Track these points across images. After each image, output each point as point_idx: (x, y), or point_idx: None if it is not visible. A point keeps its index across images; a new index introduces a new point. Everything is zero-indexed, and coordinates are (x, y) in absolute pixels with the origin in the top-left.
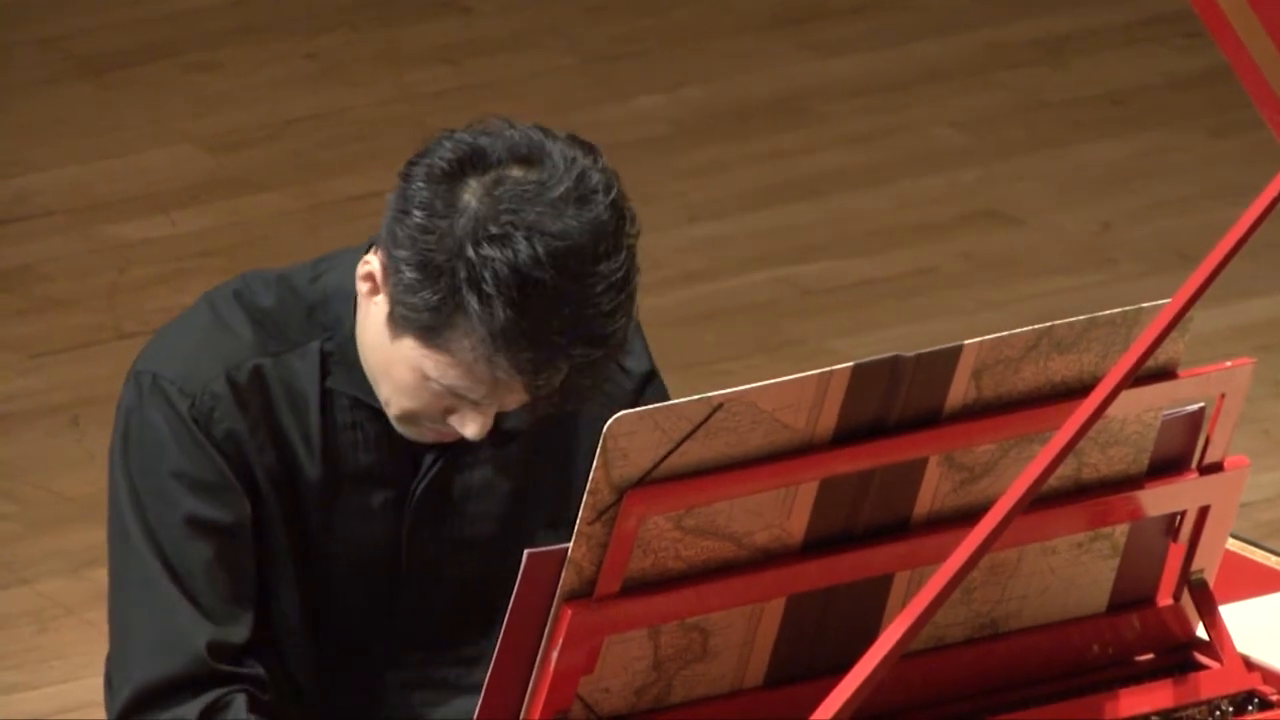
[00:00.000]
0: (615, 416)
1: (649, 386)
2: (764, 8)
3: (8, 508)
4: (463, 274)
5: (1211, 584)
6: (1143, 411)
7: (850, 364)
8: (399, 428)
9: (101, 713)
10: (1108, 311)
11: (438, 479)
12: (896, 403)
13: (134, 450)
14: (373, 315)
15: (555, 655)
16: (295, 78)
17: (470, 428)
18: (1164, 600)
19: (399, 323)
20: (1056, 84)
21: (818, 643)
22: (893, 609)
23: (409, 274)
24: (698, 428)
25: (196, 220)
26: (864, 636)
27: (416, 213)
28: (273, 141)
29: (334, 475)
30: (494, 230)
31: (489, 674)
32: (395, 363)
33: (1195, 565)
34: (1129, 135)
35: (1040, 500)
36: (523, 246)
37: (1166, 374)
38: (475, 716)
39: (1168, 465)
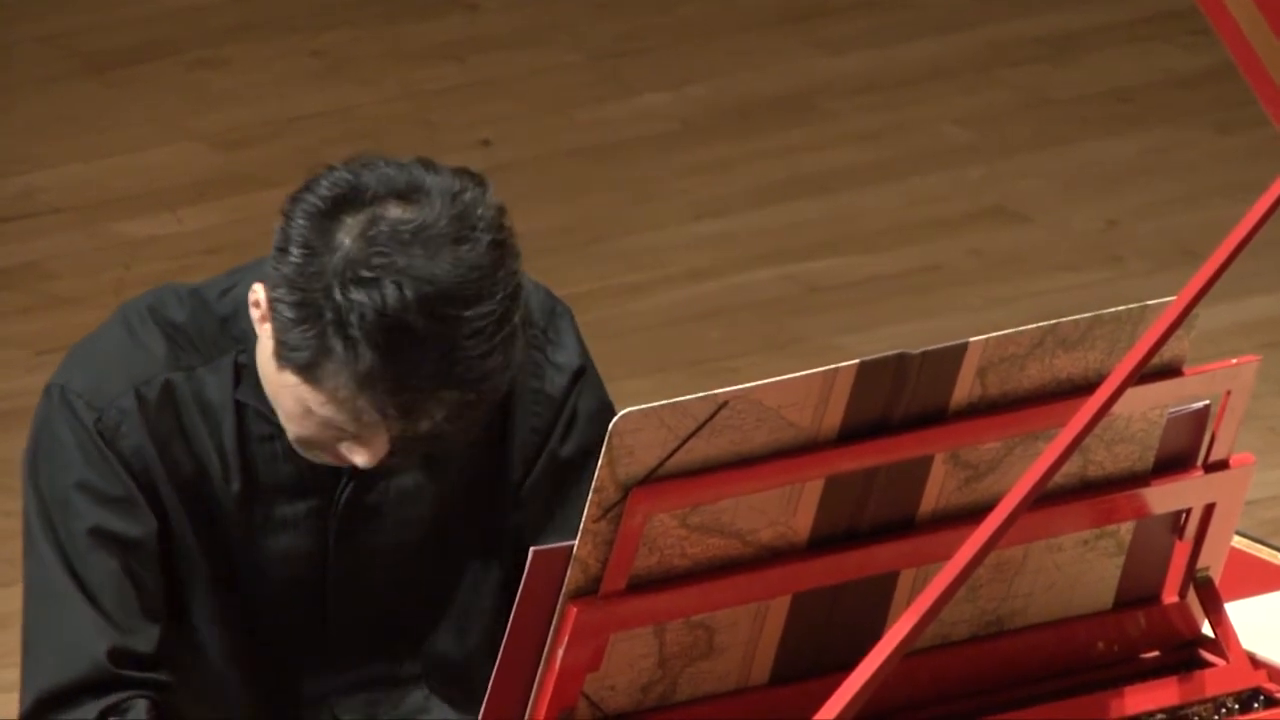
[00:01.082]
0: (621, 414)
1: (580, 381)
2: (770, 5)
3: (11, 505)
4: (329, 316)
5: (1217, 581)
6: (1148, 409)
7: (856, 361)
8: (299, 451)
9: None
10: (1113, 309)
11: (362, 485)
12: (902, 400)
13: (42, 462)
14: (263, 344)
15: (560, 653)
16: (300, 74)
17: (359, 457)
18: (1169, 598)
19: (280, 357)
20: (1062, 81)
21: (823, 640)
22: (898, 606)
23: (286, 312)
24: (703, 425)
25: (203, 217)
26: (869, 634)
27: (294, 250)
28: (278, 138)
29: (253, 487)
30: (364, 274)
31: (494, 672)
32: (281, 392)
33: (1200, 563)
34: (1135, 132)
35: (1045, 498)
36: (390, 291)
37: (1172, 371)
38: (481, 713)
39: (1173, 463)
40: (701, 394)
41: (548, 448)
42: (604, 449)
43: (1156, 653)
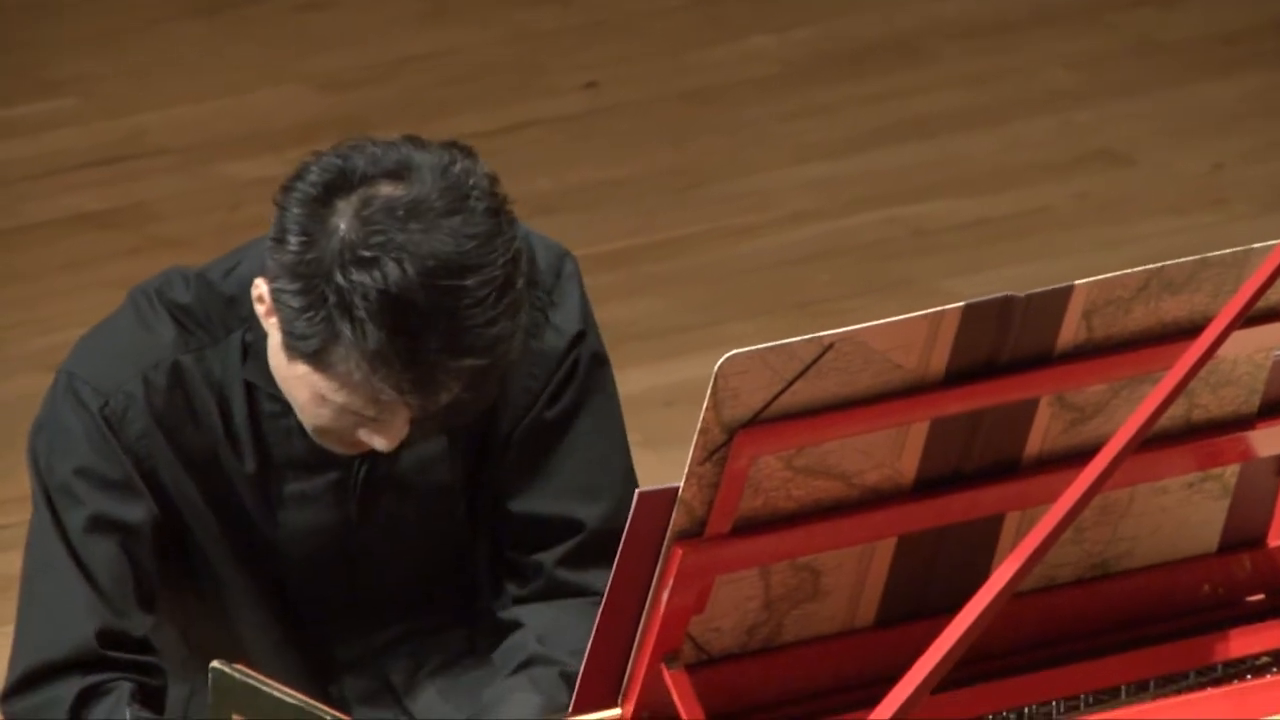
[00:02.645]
0: (726, 356)
1: (579, 345)
2: None
3: None
4: (333, 299)
5: None
6: (1254, 352)
7: (961, 304)
8: (317, 440)
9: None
10: (1219, 252)
11: (380, 456)
12: (1008, 343)
13: (46, 445)
14: (272, 337)
15: (666, 595)
16: (407, 17)
17: (379, 441)
18: (1275, 540)
19: (289, 349)
20: (1168, 24)
21: (928, 582)
22: (1003, 549)
23: (290, 301)
24: (809, 367)
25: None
26: (975, 577)
27: (291, 239)
28: (384, 81)
29: (269, 465)
30: (363, 254)
31: (599, 614)
32: (294, 384)
33: None
34: (1241, 75)
35: (1151, 441)
36: (391, 268)
37: (1278, 314)
38: (585, 656)
39: (1279, 406)
40: (807, 336)
41: (535, 407)
42: (709, 391)
43: (1262, 596)
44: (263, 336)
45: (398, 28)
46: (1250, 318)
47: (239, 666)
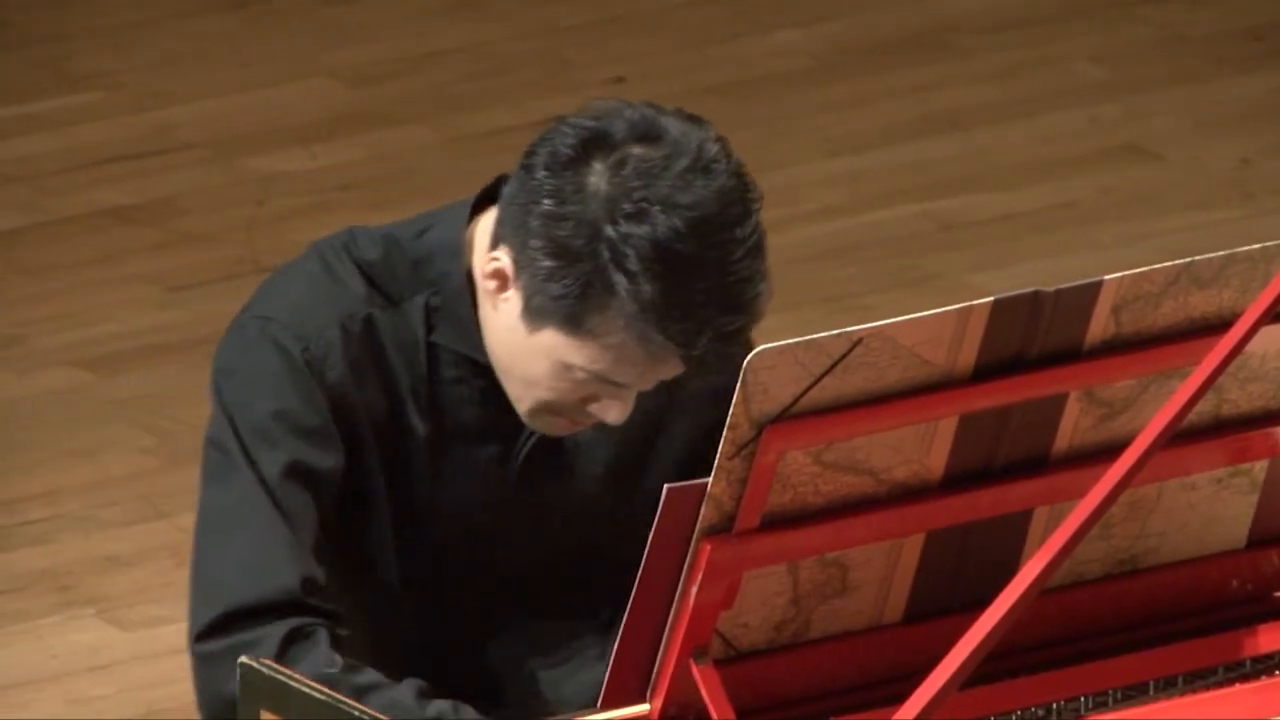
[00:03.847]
0: (755, 351)
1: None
2: None
3: (147, 441)
4: (605, 255)
5: None
6: None
7: (990, 299)
8: (530, 422)
9: None
10: (1247, 247)
11: (544, 443)
12: (1036, 338)
13: (239, 388)
14: (503, 312)
15: (694, 590)
16: (435, 10)
17: (613, 413)
18: None
19: (537, 314)
20: (1196, 19)
21: (957, 578)
22: (1032, 544)
23: (545, 263)
24: (837, 363)
25: (336, 153)
26: (1003, 572)
27: (546, 201)
28: (413, 74)
29: (440, 430)
30: (628, 208)
31: (628, 609)
32: (532, 356)
33: None
34: (1268, 70)
35: (1179, 436)
36: (660, 220)
37: None
38: (614, 651)
39: None
40: (836, 331)
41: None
42: (738, 386)
43: None
44: (451, 300)
45: (425, 22)
46: (1279, 313)
47: (267, 662)
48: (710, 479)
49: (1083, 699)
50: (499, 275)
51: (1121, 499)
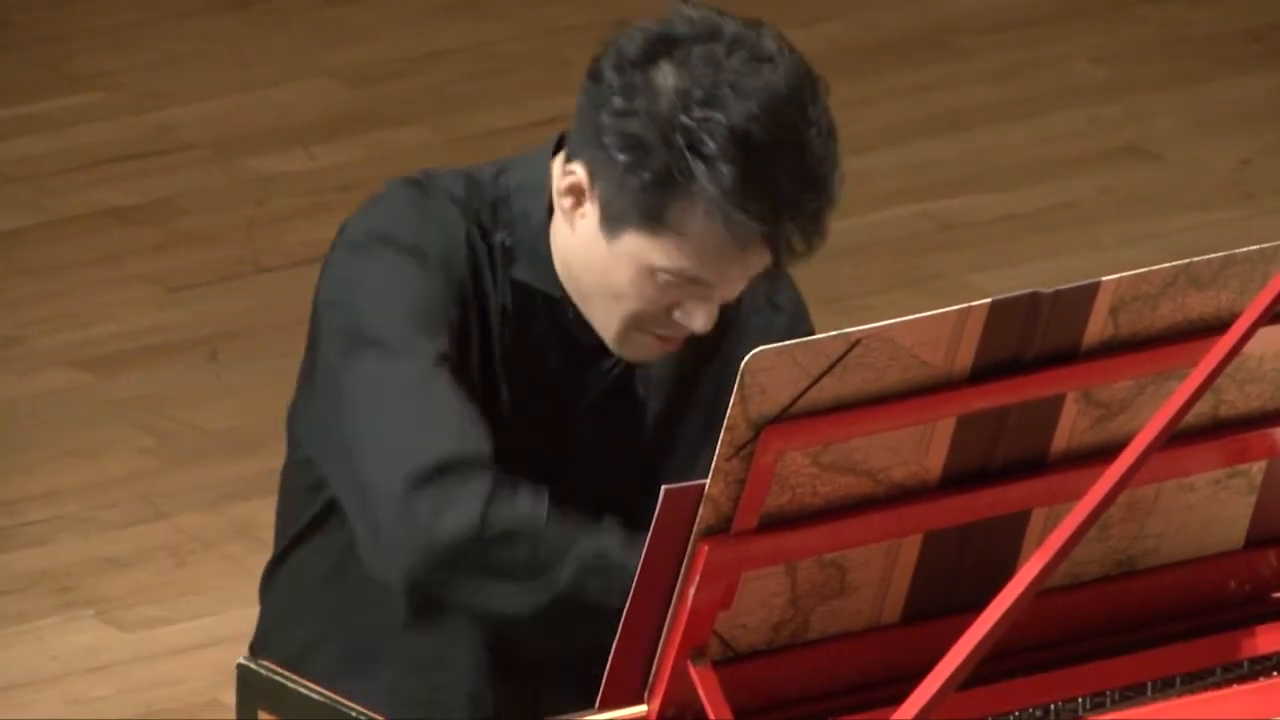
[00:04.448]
0: (753, 352)
1: (806, 311)
2: None
3: (146, 441)
4: (681, 142)
5: None
6: None
7: (988, 300)
8: (617, 348)
9: (241, 646)
10: (1246, 248)
11: (616, 384)
12: (1034, 339)
13: (380, 294)
14: (581, 228)
15: (692, 591)
16: (435, 11)
17: (699, 318)
18: None
19: (616, 218)
20: (1196, 19)
21: (955, 579)
22: (1029, 545)
23: (622, 159)
24: (835, 363)
25: (336, 154)
26: (1001, 573)
27: (616, 100)
28: (413, 75)
29: (516, 365)
30: (700, 95)
31: (625, 610)
32: (615, 267)
33: None
34: (1268, 71)
35: (1177, 437)
36: (733, 104)
37: None
38: (612, 652)
39: None
40: (834, 332)
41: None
42: (736, 387)
43: None
44: (531, 238)
45: (425, 22)
46: (1278, 315)
47: (264, 663)
48: (708, 480)
49: (1080, 700)
50: (575, 190)
51: (1119, 500)
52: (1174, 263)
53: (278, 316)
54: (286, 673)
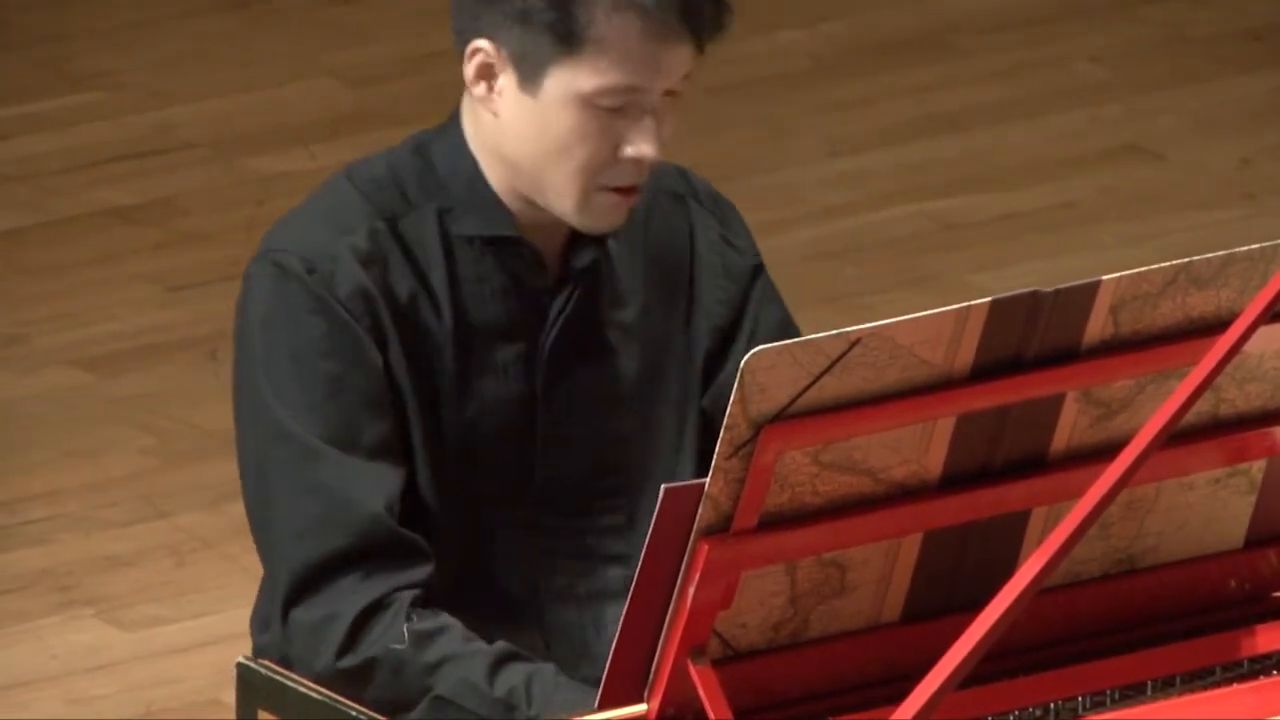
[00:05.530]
0: (753, 351)
1: (760, 278)
2: None
3: (146, 441)
4: None
5: None
6: None
7: (988, 299)
8: (583, 219)
9: (241, 645)
10: (1246, 247)
11: (566, 331)
12: (1034, 338)
13: (265, 329)
14: (504, 106)
15: (692, 590)
16: (436, 11)
17: (645, 142)
18: None
19: (533, 65)
20: (1197, 19)
21: (955, 578)
22: (1029, 544)
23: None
24: (835, 362)
25: (336, 154)
26: (1001, 572)
27: None
28: (413, 75)
29: (464, 331)
30: None
31: (625, 609)
32: (550, 119)
33: None
34: (1269, 71)
35: (1177, 436)
36: None
37: None
38: (612, 650)
39: None
40: (834, 331)
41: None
42: (736, 386)
43: None
44: (465, 187)
45: (425, 22)
46: (1278, 313)
47: (265, 662)
48: (708, 479)
49: (1080, 699)
50: (484, 70)
51: (1119, 499)
52: (1174, 262)
53: None
54: (287, 672)
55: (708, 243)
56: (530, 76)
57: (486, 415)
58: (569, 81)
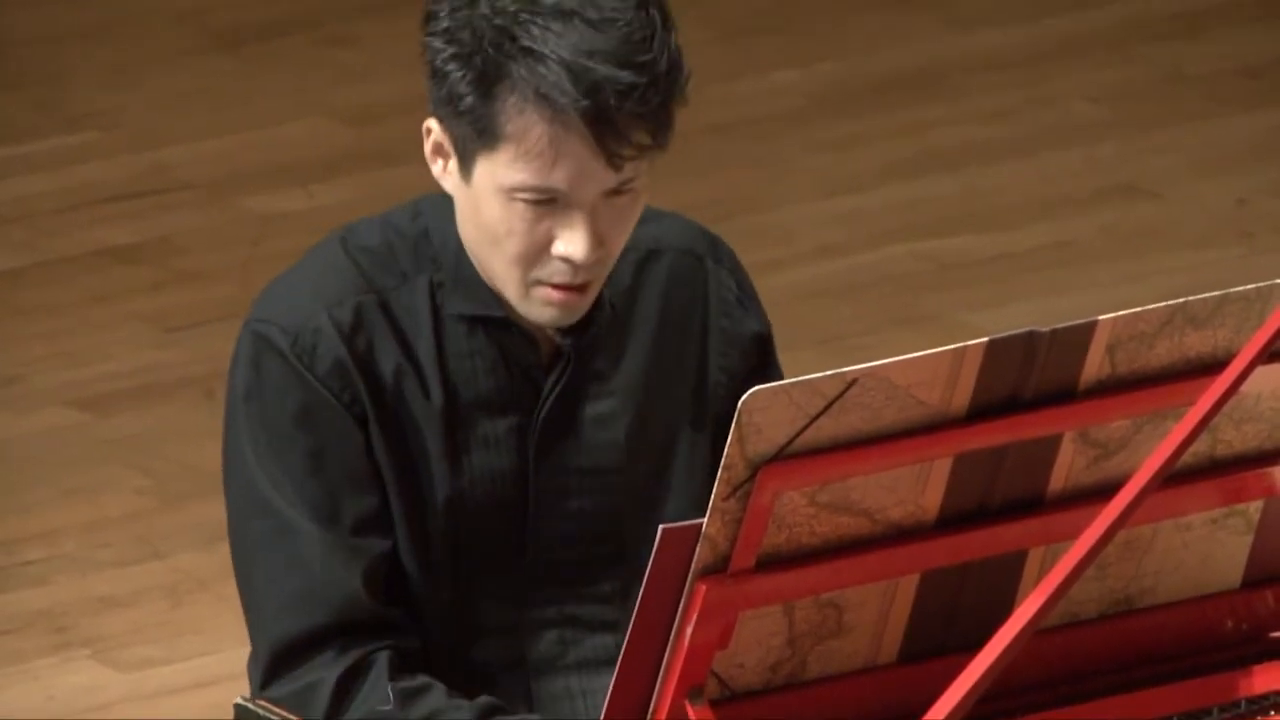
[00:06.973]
0: (750, 391)
1: (771, 345)
2: None
3: (142, 481)
4: (489, 37)
5: None
6: (1277, 387)
7: (985, 339)
8: (525, 309)
9: (238, 685)
10: (1242, 287)
11: (560, 404)
12: (1031, 378)
13: (246, 401)
14: (454, 186)
15: (690, 631)
16: None
17: (574, 243)
18: None
19: (465, 151)
20: (1194, 57)
21: (952, 619)
22: (1026, 585)
23: (452, 73)
24: (832, 403)
25: (333, 193)
26: (998, 612)
27: (436, 43)
28: (411, 115)
29: (455, 406)
30: (503, 4)
31: (623, 649)
32: (480, 206)
33: None
34: (1266, 110)
35: (1174, 476)
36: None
37: None
38: (610, 690)
39: None
40: (831, 372)
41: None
42: (733, 427)
43: None
44: (453, 264)
45: (422, 63)
46: (1274, 353)
47: (262, 703)
48: (705, 519)
49: None
50: (438, 149)
51: (1116, 539)
52: (1171, 301)
53: None
54: (283, 712)
55: (720, 301)
56: (464, 163)
57: (476, 488)
58: (491, 172)
